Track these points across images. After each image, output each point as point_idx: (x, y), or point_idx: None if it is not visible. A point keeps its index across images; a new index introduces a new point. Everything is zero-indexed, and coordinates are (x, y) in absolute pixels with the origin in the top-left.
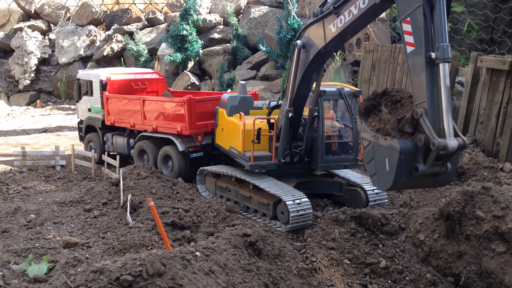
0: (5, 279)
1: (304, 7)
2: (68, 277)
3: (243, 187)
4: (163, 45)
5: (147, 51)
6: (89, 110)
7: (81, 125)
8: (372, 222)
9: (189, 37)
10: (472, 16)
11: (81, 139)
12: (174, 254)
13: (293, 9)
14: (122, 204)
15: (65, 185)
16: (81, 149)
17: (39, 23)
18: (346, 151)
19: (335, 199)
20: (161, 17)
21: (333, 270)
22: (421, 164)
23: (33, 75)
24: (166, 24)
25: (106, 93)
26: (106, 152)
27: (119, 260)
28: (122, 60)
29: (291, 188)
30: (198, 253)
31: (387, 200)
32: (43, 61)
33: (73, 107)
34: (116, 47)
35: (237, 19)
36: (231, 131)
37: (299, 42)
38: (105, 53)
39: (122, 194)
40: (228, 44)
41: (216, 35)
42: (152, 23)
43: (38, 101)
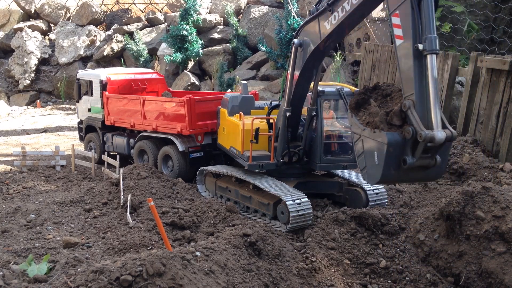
0: (5, 279)
1: (304, 7)
2: (68, 277)
3: (243, 187)
4: (163, 45)
5: (147, 51)
6: (89, 110)
7: (81, 125)
8: (372, 222)
9: (189, 37)
10: (472, 16)
11: (81, 139)
12: (174, 254)
13: (293, 9)
14: (122, 204)
15: (65, 185)
16: (81, 149)
17: (39, 23)
18: (346, 151)
19: (335, 199)
20: (161, 17)
21: (333, 270)
22: (409, 156)
23: (33, 75)
24: (166, 24)
25: (106, 93)
26: (106, 152)
27: (119, 260)
28: (122, 60)
29: (291, 188)
30: (198, 253)
31: (387, 200)
32: (43, 61)
33: (73, 107)
34: (116, 47)
35: (237, 19)
36: (231, 131)
37: (295, 40)
38: (105, 53)
39: (122, 194)
40: (228, 44)
41: (216, 35)
42: (152, 23)
43: (38, 101)
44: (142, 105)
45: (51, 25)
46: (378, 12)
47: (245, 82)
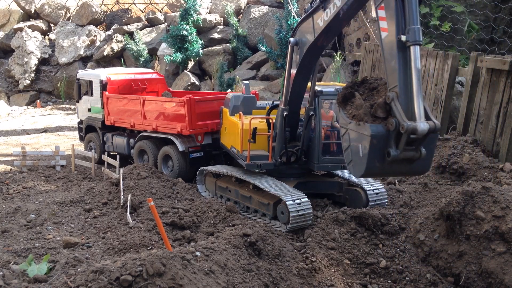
0: (5, 279)
1: (304, 7)
2: (68, 277)
3: (243, 187)
4: (163, 45)
5: (147, 51)
6: (89, 110)
7: (81, 125)
8: (372, 222)
9: (189, 37)
10: (472, 16)
11: (81, 139)
12: (174, 254)
13: (293, 9)
14: (122, 204)
15: (65, 185)
16: (81, 149)
17: (39, 23)
18: None
19: (335, 199)
20: (161, 17)
21: (333, 270)
22: (393, 148)
23: (33, 75)
24: (166, 24)
25: (106, 93)
26: (106, 152)
27: (119, 260)
28: (122, 60)
29: (291, 188)
30: (198, 253)
31: (387, 200)
32: (43, 61)
33: (73, 107)
34: (116, 47)
35: (237, 19)
36: (232, 131)
37: (292, 39)
38: (105, 53)
39: (122, 194)
40: (228, 44)
41: (216, 35)
42: (152, 23)
43: (38, 101)
44: (142, 105)
45: (51, 25)
46: None
47: (247, 82)
